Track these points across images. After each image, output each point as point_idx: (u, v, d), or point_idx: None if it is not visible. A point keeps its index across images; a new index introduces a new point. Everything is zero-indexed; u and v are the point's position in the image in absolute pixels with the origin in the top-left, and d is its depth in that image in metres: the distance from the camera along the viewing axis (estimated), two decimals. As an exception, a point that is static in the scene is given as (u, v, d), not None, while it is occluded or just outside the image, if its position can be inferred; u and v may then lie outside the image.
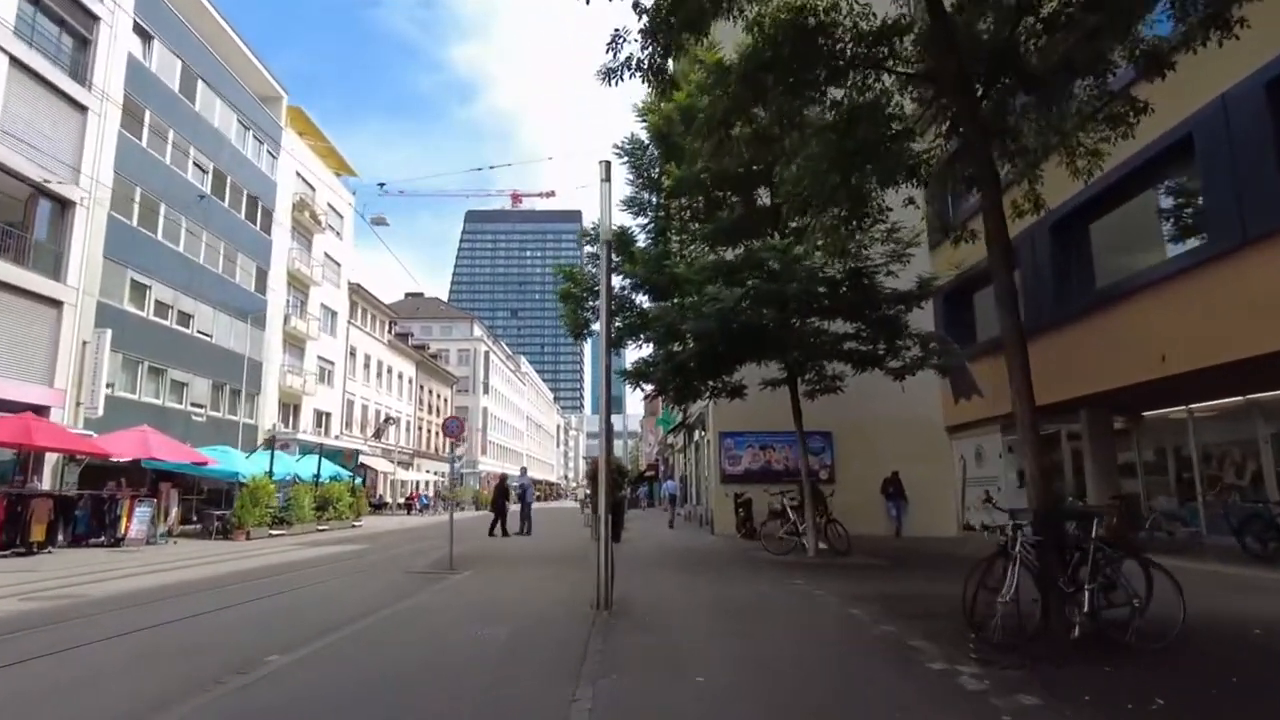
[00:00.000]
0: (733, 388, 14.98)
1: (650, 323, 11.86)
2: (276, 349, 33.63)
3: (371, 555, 15.74)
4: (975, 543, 16.39)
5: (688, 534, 20.79)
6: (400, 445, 50.59)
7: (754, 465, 18.67)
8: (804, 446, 13.91)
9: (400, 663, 5.58)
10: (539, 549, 16.16)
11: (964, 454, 18.74)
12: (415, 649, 6.10)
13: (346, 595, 9.98)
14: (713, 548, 15.90)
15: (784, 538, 13.86)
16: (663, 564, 12.91)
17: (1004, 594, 5.63)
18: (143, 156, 24.25)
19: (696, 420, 22.76)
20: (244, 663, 5.42)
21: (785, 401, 18.28)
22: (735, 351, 12.78)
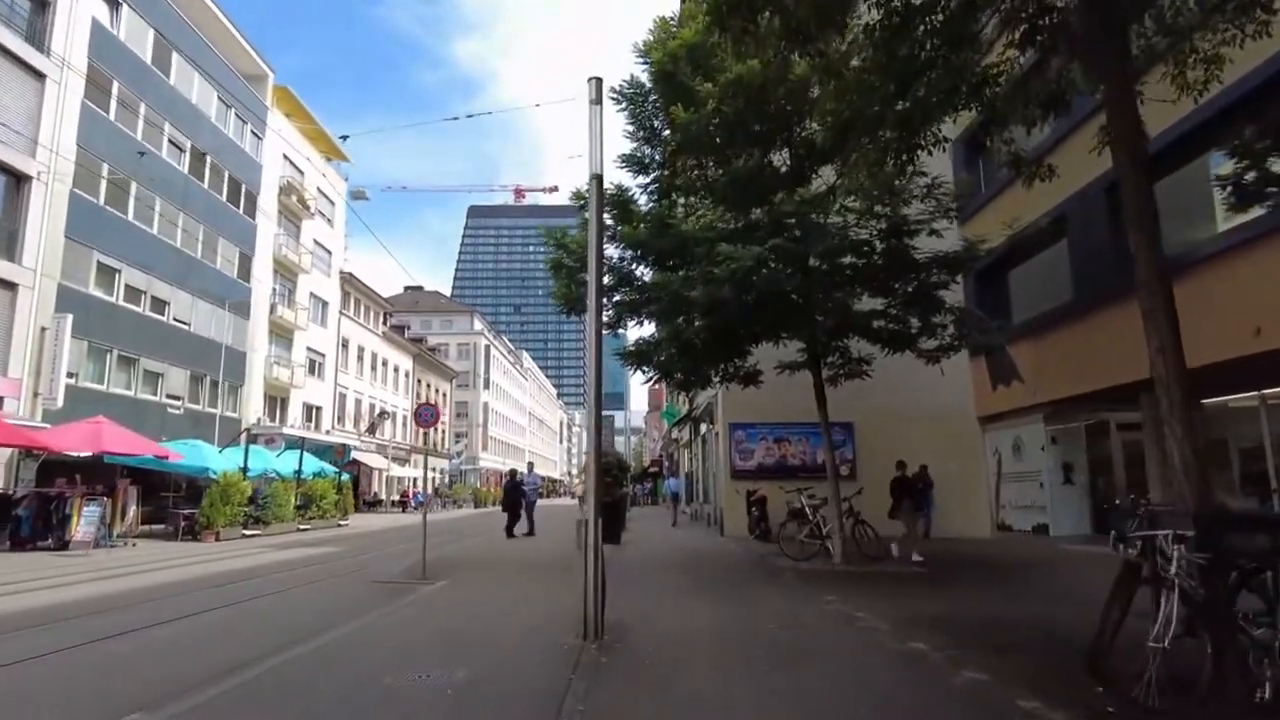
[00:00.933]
0: (746, 373, 13.31)
1: (656, 289, 10.12)
2: (262, 339, 32.07)
3: (343, 560, 14.14)
4: (1014, 545, 14.73)
5: (695, 535, 19.14)
6: (396, 441, 49.05)
7: (768, 460, 17.01)
8: (828, 438, 12.26)
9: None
10: (531, 552, 14.53)
11: (999, 447, 17.04)
12: (331, 706, 4.47)
13: (286, 614, 8.36)
14: (724, 552, 14.25)
15: (805, 541, 12.20)
16: (667, 572, 11.26)
17: (1155, 636, 3.95)
18: (110, 131, 22.65)
19: (704, 411, 21.10)
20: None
21: (802, 389, 16.62)
22: (751, 327, 11.13)
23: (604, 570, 6.25)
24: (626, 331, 12.65)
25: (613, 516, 15.85)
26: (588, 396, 6.61)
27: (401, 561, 13.17)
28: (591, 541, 6.13)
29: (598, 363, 6.47)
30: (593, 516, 6.23)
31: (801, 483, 16.35)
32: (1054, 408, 14.90)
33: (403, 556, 14.16)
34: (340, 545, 17.59)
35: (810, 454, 17.07)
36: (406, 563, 12.74)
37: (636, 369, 12.80)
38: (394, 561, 13.29)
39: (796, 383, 15.51)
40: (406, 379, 51.56)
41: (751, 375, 13.39)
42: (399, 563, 12.81)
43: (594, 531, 6.15)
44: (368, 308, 44.72)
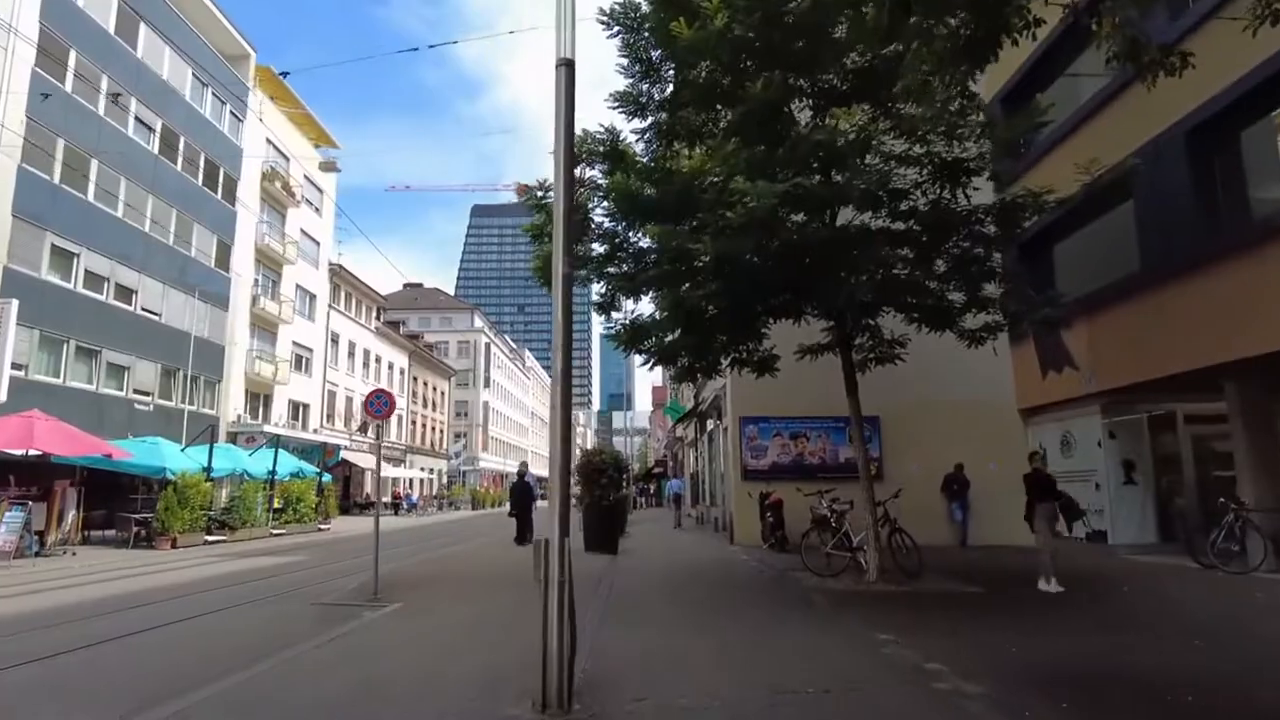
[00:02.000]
0: (761, 358, 11.45)
1: (656, 246, 8.18)
2: (243, 332, 30.34)
3: (298, 572, 12.33)
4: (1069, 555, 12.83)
5: (701, 542, 17.27)
6: (392, 441, 47.30)
7: (783, 458, 15.13)
8: (859, 431, 10.42)
9: None
10: (519, 565, 12.70)
11: (1043, 443, 15.12)
12: None
13: (181, 651, 6.53)
14: (735, 564, 12.38)
15: (832, 554, 10.32)
16: (668, 593, 9.40)
17: None
18: (66, 103, 20.93)
19: (710, 405, 19.23)
20: None
21: (821, 378, 14.80)
22: (769, 296, 9.29)
23: (574, 610, 4.40)
24: (624, 314, 10.75)
25: (608, 523, 14.05)
26: (555, 360, 4.79)
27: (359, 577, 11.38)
28: (555, 573, 4.26)
29: (566, 312, 4.63)
30: (556, 533, 4.37)
31: (822, 484, 14.45)
32: (1112, 397, 13.00)
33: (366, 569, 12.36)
34: (307, 553, 15.80)
35: (831, 451, 15.20)
36: (364, 577, 10.94)
37: (632, 351, 10.94)
38: (356, 575, 11.50)
39: (815, 371, 13.72)
40: (402, 377, 49.83)
41: (767, 361, 11.52)
42: (355, 579, 10.99)
43: (558, 557, 4.29)
44: (360, 302, 43.00)
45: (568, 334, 4.60)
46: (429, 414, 55.38)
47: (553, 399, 4.60)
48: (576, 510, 14.70)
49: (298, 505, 23.10)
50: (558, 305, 4.60)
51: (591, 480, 14.16)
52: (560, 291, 4.60)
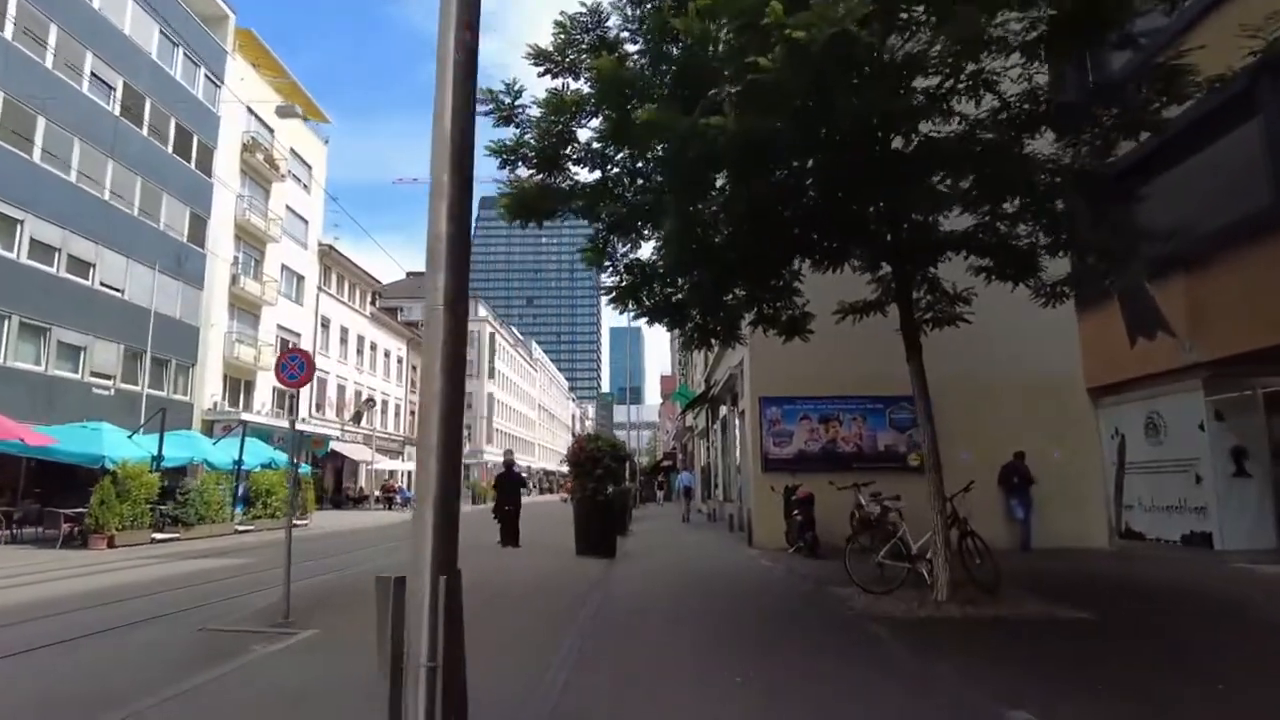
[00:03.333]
0: (791, 317, 9.17)
1: (652, 133, 5.82)
2: (220, 313, 28.30)
3: (221, 581, 10.16)
4: (1165, 562, 10.52)
5: (714, 542, 15.00)
6: (389, 432, 45.34)
7: (811, 445, 12.82)
8: (925, 405, 8.13)
9: None
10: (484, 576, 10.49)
11: (1120, 427, 12.75)
12: None
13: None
14: (757, 574, 10.10)
15: (886, 564, 8.02)
16: (672, 614, 7.13)
17: None
18: (6, 52, 18.83)
19: (724, 388, 16.93)
20: None
21: (854, 351, 12.54)
22: (809, 206, 7.00)
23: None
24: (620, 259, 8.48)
25: (604, 523, 11.82)
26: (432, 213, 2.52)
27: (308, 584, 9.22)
28: (420, 651, 1.99)
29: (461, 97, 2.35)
30: (427, 569, 2.09)
31: (858, 475, 12.20)
32: (1218, 370, 10.61)
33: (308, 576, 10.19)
34: (259, 555, 13.66)
35: (869, 437, 12.88)
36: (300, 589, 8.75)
37: (630, 306, 8.68)
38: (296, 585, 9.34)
39: (849, 343, 11.51)
40: (401, 366, 47.80)
41: (798, 321, 9.24)
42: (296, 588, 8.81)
43: (429, 617, 2.02)
44: (353, 285, 40.91)
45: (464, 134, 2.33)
46: (429, 404, 53.25)
47: (428, 279, 2.34)
48: (566, 507, 12.47)
49: (268, 498, 21.02)
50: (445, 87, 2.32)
51: (584, 472, 11.93)
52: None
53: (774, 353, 13.03)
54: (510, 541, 13.49)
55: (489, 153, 7.95)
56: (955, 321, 9.12)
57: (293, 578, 9.93)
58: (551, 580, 9.31)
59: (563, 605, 7.32)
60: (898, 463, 12.83)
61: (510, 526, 13.62)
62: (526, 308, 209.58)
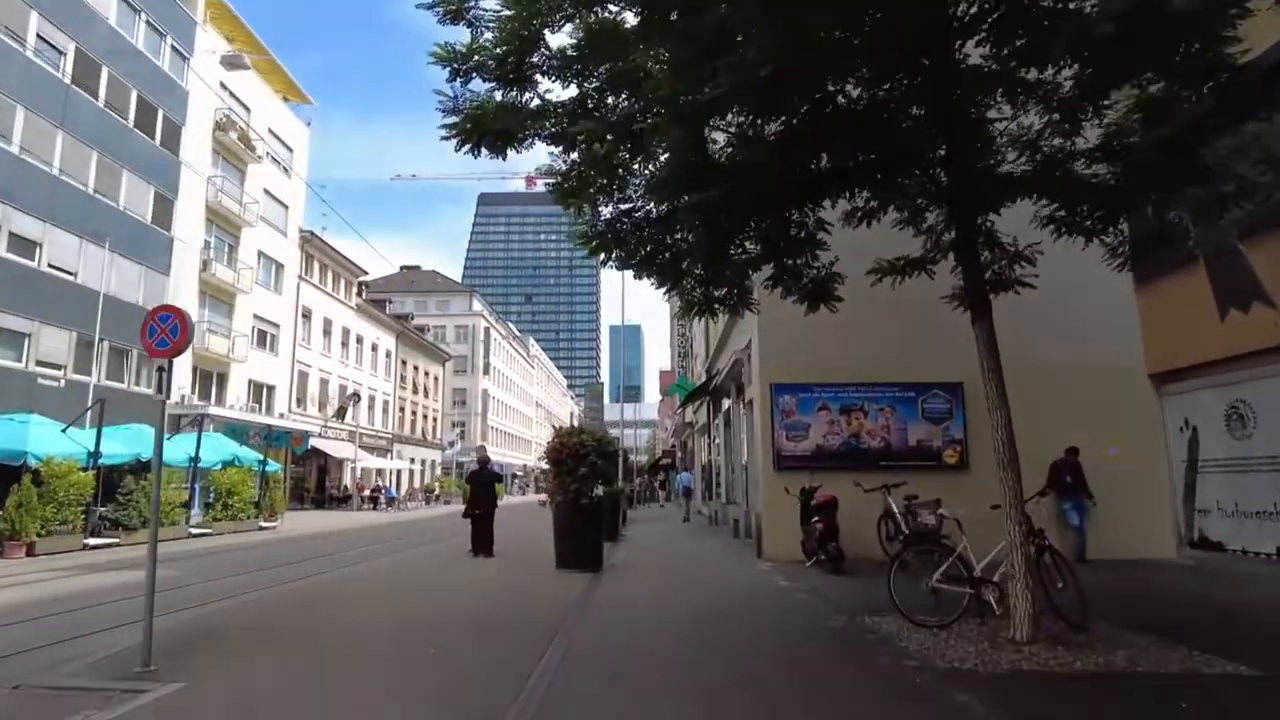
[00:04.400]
0: (816, 278, 7.44)
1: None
2: (189, 300, 26.46)
3: (114, 604, 8.29)
4: (1258, 580, 8.75)
5: (717, 552, 13.23)
6: (376, 429, 43.57)
7: (831, 440, 11.02)
8: (999, 384, 6.35)
9: None
10: (430, 593, 8.71)
11: (1191, 418, 10.96)
12: None
13: None
14: (770, 596, 8.31)
15: (942, 589, 6.22)
16: (667, 654, 5.31)
17: None
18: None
19: (727, 377, 15.13)
20: None
21: (881, 330, 10.87)
22: (849, 123, 5.25)
23: None
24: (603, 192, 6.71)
25: (588, 531, 10.06)
26: None
27: (222, 608, 7.47)
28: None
29: None
30: None
31: (888, 475, 10.43)
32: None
33: (241, 594, 8.43)
34: (194, 566, 11.86)
35: (898, 430, 11.09)
36: (180, 618, 6.98)
37: (606, 259, 6.91)
38: (217, 607, 7.58)
39: (874, 319, 9.91)
40: (389, 360, 46.00)
41: (825, 283, 7.48)
42: (208, 615, 7.03)
43: None
44: (337, 275, 39.09)
45: None
46: (420, 400, 51.59)
47: None
48: (545, 511, 10.70)
49: (229, 499, 19.25)
50: None
51: (566, 471, 10.14)
52: None
53: (787, 332, 11.26)
54: (482, 550, 11.72)
55: (435, 60, 6.15)
56: (1014, 286, 7.35)
57: (205, 599, 8.17)
58: (512, 608, 7.52)
59: (531, 642, 5.55)
60: (932, 460, 11.05)
61: (482, 532, 11.85)
62: (525, 305, 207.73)
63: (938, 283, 10.58)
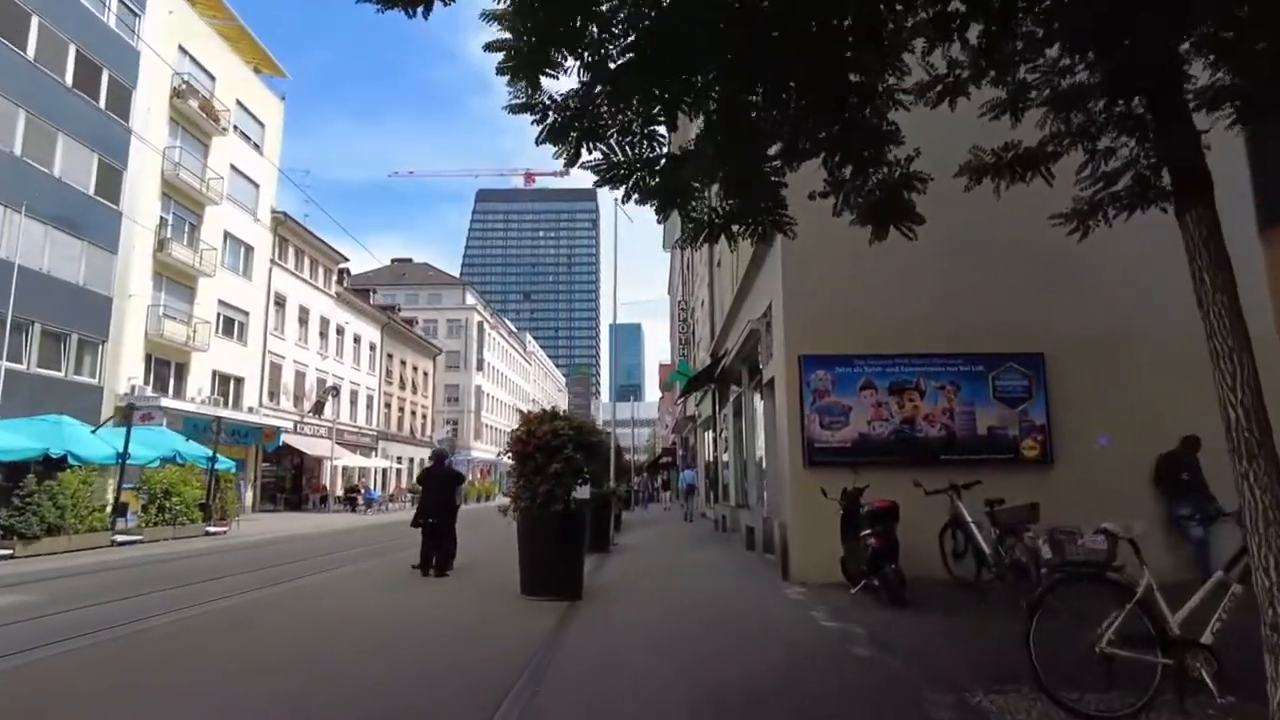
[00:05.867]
0: (886, 183, 5.03)
1: None
2: (141, 282, 24.08)
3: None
4: None
5: (731, 569, 10.80)
6: (359, 425, 41.16)
7: (878, 427, 8.57)
8: (1234, 322, 3.79)
9: None
10: (327, 634, 6.24)
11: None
12: None
13: None
14: (817, 647, 5.86)
15: (1119, 654, 3.77)
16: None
17: None
18: None
19: (738, 355, 12.68)
20: None
21: (943, 285, 8.56)
22: None
23: None
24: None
25: (565, 546, 7.65)
26: None
27: (79, 650, 5.02)
28: None
29: None
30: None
31: (954, 473, 8.02)
32: None
33: (126, 625, 5.95)
34: (63, 590, 9.40)
35: (966, 414, 8.65)
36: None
37: (573, 155, 4.52)
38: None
39: (936, 265, 7.72)
40: (373, 352, 43.57)
41: (900, 190, 5.07)
42: None
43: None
44: (315, 261, 36.64)
45: None
46: (408, 396, 49.17)
47: None
48: (508, 521, 8.27)
49: (169, 500, 16.82)
50: None
51: (533, 467, 7.72)
52: None
53: (820, 288, 8.83)
54: (436, 566, 9.31)
55: None
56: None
57: (24, 643, 5.72)
58: (440, 666, 5.10)
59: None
60: (1007, 453, 8.62)
61: (437, 544, 9.42)
62: (524, 303, 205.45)
63: (1013, 218, 8.20)
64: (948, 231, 8.45)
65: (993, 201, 8.80)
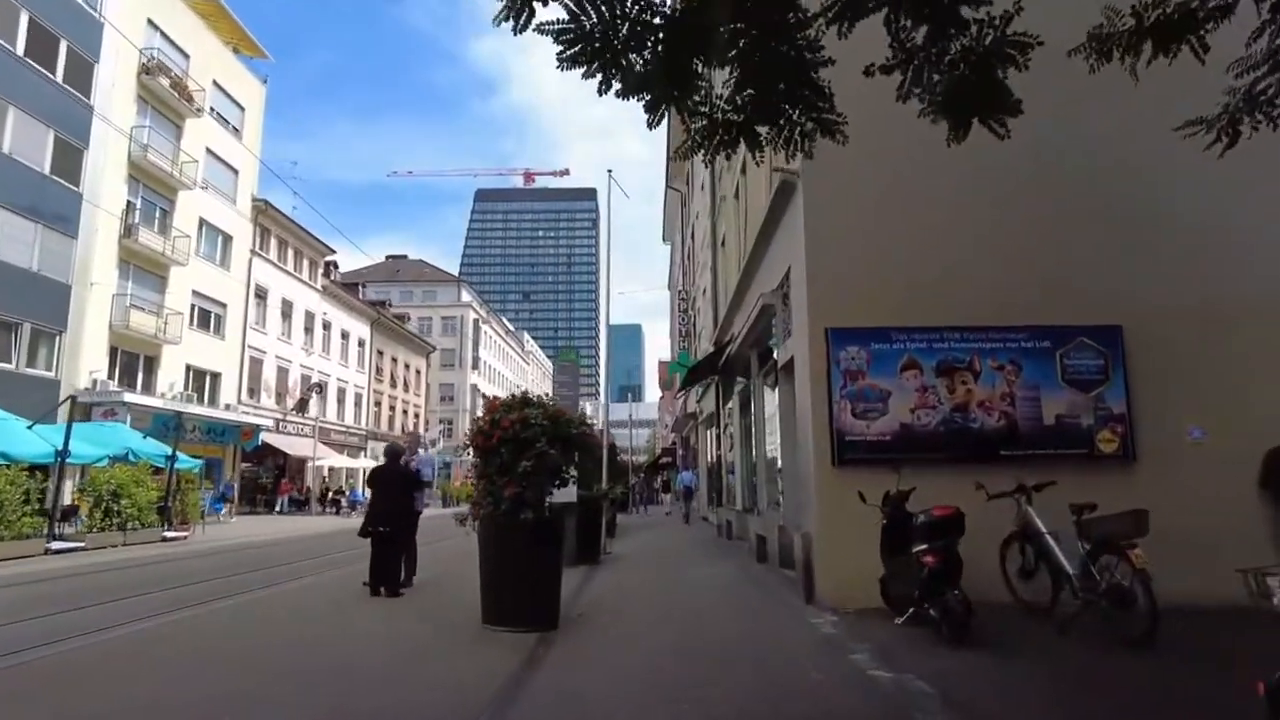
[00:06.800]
0: (978, 52, 3.42)
1: None
2: (105, 270, 22.56)
3: None
4: None
5: (741, 587, 9.23)
6: (347, 424, 39.62)
7: (925, 417, 6.98)
8: None
9: None
10: (236, 682, 4.65)
11: None
12: None
13: None
14: (864, 701, 4.28)
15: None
16: None
17: None
18: None
19: (747, 339, 11.11)
20: None
21: (999, 241, 7.06)
22: None
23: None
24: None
25: (535, 566, 6.11)
26: None
27: None
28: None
29: None
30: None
31: (1020, 471, 6.48)
32: None
33: None
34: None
35: (1029, 400, 7.08)
36: None
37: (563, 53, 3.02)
38: None
39: (989, 215, 6.26)
40: (362, 349, 42.03)
41: (988, 62, 3.48)
42: None
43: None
44: (299, 253, 35.10)
45: None
46: (400, 395, 47.64)
47: None
48: (467, 531, 6.69)
49: (118, 504, 15.25)
50: None
51: (500, 466, 6.17)
52: None
53: (850, 243, 7.29)
54: (387, 584, 7.75)
55: None
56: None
57: None
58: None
59: None
60: (1080, 447, 7.06)
61: (389, 558, 7.86)
62: (523, 303, 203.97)
63: (1088, 148, 6.72)
64: (1006, 167, 6.94)
65: (1063, 126, 7.33)
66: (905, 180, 7.26)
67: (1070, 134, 7.27)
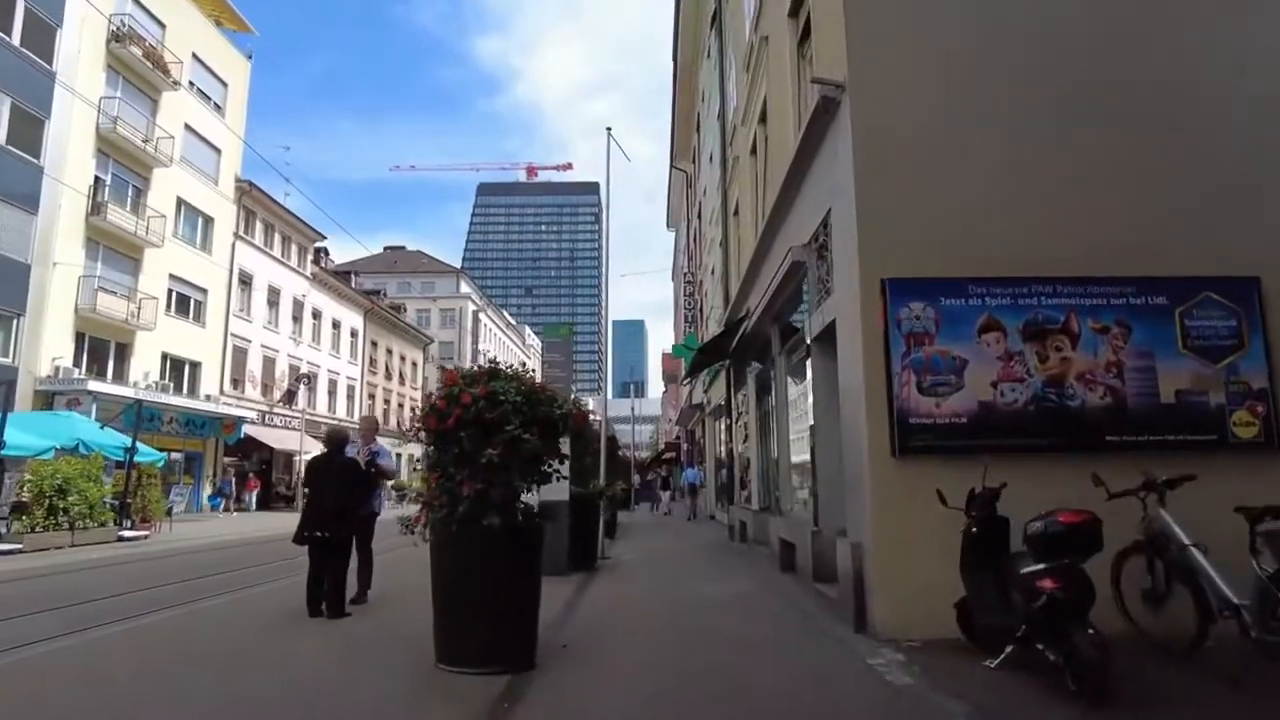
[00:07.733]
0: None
1: None
2: (71, 250, 21.08)
3: None
4: None
5: (766, 609, 7.71)
6: (339, 417, 38.10)
7: (1007, 394, 5.46)
8: None
9: None
10: None
11: None
12: None
13: None
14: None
15: None
16: None
17: None
18: None
19: (768, 310, 9.52)
20: None
21: (1102, 172, 5.27)
22: None
23: None
24: None
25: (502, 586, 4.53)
26: None
27: None
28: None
29: None
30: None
31: (1143, 459, 4.90)
32: None
33: None
34: None
35: (1141, 371, 5.52)
36: None
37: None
38: None
39: (1090, 140, 4.72)
40: (354, 340, 40.53)
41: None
42: None
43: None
44: (287, 238, 33.58)
45: None
46: (394, 387, 46.17)
47: None
48: (415, 540, 5.13)
49: (65, 500, 13.78)
50: None
51: (453, 457, 4.64)
52: None
53: (909, 171, 5.73)
54: (328, 602, 6.24)
55: None
56: None
57: None
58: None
59: None
60: (1209, 432, 5.50)
61: (329, 570, 6.34)
62: (525, 298, 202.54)
63: (1214, 62, 5.10)
64: (1111, 81, 5.41)
65: (1183, 36, 5.66)
66: (981, 91, 5.70)
67: (1198, 45, 5.74)
